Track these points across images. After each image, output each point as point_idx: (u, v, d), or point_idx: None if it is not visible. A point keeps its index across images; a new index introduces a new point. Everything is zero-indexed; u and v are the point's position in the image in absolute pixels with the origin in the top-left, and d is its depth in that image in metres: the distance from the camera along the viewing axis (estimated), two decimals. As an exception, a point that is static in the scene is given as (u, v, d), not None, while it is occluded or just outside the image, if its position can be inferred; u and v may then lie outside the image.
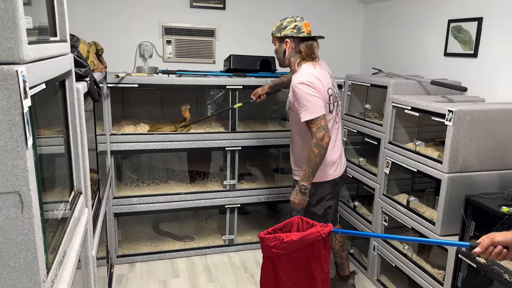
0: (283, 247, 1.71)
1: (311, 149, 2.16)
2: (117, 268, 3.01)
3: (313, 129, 2.15)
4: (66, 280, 1.14)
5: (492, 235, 1.32)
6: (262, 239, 1.76)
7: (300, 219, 1.87)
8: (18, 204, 0.91)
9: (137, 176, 3.30)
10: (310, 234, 1.71)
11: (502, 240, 1.30)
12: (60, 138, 1.38)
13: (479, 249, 1.33)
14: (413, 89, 2.74)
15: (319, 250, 1.73)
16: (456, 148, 2.17)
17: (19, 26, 0.87)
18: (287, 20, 2.29)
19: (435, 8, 3.06)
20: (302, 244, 1.71)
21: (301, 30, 2.26)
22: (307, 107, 2.14)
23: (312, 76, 2.19)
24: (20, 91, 0.86)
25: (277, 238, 1.72)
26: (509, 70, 2.48)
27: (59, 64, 1.22)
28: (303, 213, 2.38)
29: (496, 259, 1.32)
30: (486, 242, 1.32)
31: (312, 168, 2.18)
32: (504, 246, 1.31)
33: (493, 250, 1.31)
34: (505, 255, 1.31)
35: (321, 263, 1.75)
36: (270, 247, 1.73)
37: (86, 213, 1.60)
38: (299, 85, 2.16)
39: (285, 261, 1.75)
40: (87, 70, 1.77)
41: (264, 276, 1.83)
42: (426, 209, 2.44)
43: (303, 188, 2.23)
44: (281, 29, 2.28)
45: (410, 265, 2.49)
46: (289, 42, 2.28)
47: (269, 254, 1.77)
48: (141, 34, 3.46)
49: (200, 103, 3.58)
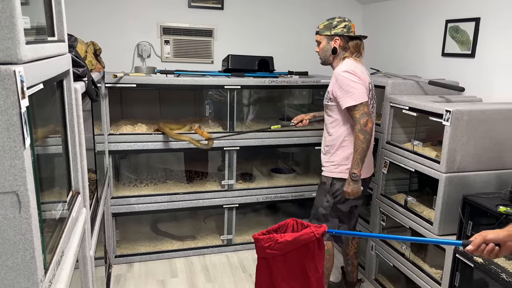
0: (278, 247, 1.72)
1: (356, 135, 2.20)
2: (115, 268, 3.01)
3: (356, 116, 2.20)
4: (64, 280, 1.14)
5: (484, 233, 1.34)
6: (256, 240, 1.77)
7: (295, 221, 1.86)
8: (15, 204, 0.91)
9: (135, 176, 3.30)
10: (304, 234, 1.72)
11: (493, 238, 1.32)
12: (58, 138, 1.38)
13: (471, 247, 1.35)
14: (410, 89, 2.74)
15: (313, 250, 1.74)
16: (453, 148, 2.17)
17: (16, 26, 0.87)
18: (336, 19, 2.36)
19: (432, 8, 3.07)
20: (297, 244, 1.72)
21: (350, 29, 2.35)
22: (351, 93, 2.20)
23: (354, 66, 2.27)
24: (17, 91, 0.86)
25: (272, 238, 1.73)
26: (506, 70, 2.49)
27: (57, 64, 1.22)
28: (329, 210, 2.40)
29: (489, 256, 1.33)
30: (478, 240, 1.34)
31: (360, 154, 2.21)
32: (496, 244, 1.32)
33: (485, 248, 1.32)
34: (497, 252, 1.32)
35: (315, 263, 1.75)
36: (265, 248, 1.74)
37: (84, 213, 1.60)
38: (343, 73, 2.23)
39: (280, 262, 1.75)
40: (85, 70, 1.77)
41: (259, 277, 1.83)
42: (423, 209, 2.45)
43: (354, 176, 2.24)
44: (331, 28, 2.35)
45: (408, 265, 2.50)
46: (339, 40, 2.34)
47: (263, 255, 1.77)
48: (139, 34, 3.46)
49: (198, 103, 3.58)
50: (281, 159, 3.88)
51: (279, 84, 3.13)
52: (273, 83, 3.10)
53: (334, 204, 2.40)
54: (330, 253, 2.51)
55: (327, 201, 2.41)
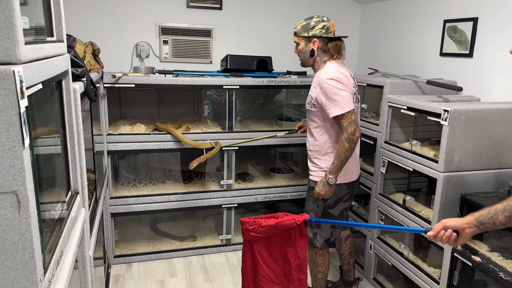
0: (261, 231, 1.87)
1: (342, 143, 2.18)
2: (114, 268, 3.01)
3: (344, 124, 2.17)
4: (63, 280, 1.14)
5: (444, 220, 1.40)
6: (242, 223, 1.92)
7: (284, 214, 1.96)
8: (15, 204, 0.91)
9: (134, 176, 3.30)
10: (286, 220, 1.87)
11: (452, 224, 1.37)
12: (57, 138, 1.38)
13: (431, 233, 1.41)
14: (409, 89, 2.75)
15: (294, 237, 1.87)
16: (451, 147, 2.18)
17: (15, 27, 0.87)
18: (314, 20, 2.28)
19: (431, 8, 3.08)
20: (278, 229, 1.87)
21: (329, 30, 2.27)
22: (338, 102, 2.15)
23: (339, 72, 2.21)
24: (17, 91, 0.86)
25: (256, 222, 1.88)
26: (504, 69, 2.50)
27: (56, 64, 1.23)
28: (320, 215, 2.40)
29: (448, 243, 1.39)
30: (439, 226, 1.40)
31: (341, 162, 2.20)
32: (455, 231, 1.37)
33: (444, 234, 1.38)
34: (455, 239, 1.38)
35: (296, 250, 1.89)
36: (249, 231, 1.89)
37: (83, 213, 1.60)
38: (328, 81, 2.17)
39: (263, 245, 1.91)
40: (83, 70, 1.77)
41: (244, 261, 1.98)
42: (422, 208, 2.45)
43: (331, 180, 2.23)
44: (308, 29, 2.27)
45: (406, 264, 2.50)
46: (318, 41, 2.27)
47: (248, 238, 1.92)
48: (138, 34, 3.46)
49: (197, 103, 3.58)
50: (280, 159, 3.89)
51: (278, 84, 3.13)
52: (271, 83, 3.10)
53: (325, 209, 2.39)
54: (325, 257, 2.50)
55: (317, 206, 2.41)
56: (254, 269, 1.95)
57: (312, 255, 2.51)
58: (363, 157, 3.06)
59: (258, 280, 1.94)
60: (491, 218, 1.30)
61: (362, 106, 3.02)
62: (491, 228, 1.33)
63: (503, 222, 1.29)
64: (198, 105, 3.58)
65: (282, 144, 3.26)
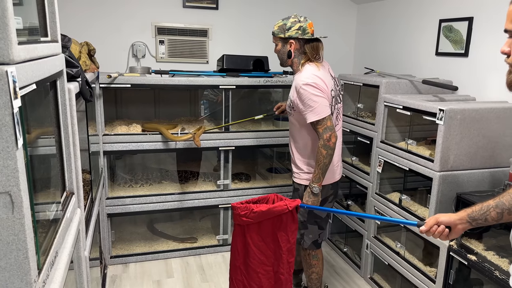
0: (253, 216, 1.88)
1: (319, 150, 2.15)
2: (111, 269, 3.01)
3: (320, 130, 2.14)
4: (58, 281, 1.14)
5: (437, 215, 1.41)
6: (234, 208, 1.92)
7: (275, 196, 2.01)
8: (8, 204, 0.91)
9: (130, 177, 3.29)
10: (278, 206, 1.89)
11: (445, 220, 1.39)
12: (52, 139, 1.38)
13: (424, 228, 1.42)
14: (405, 89, 2.76)
15: (286, 222, 1.90)
16: (447, 146, 2.19)
17: (8, 27, 0.87)
18: (290, 20, 2.24)
19: (426, 8, 3.08)
20: (270, 215, 1.89)
21: (306, 31, 2.22)
22: (313, 108, 2.13)
23: (316, 77, 2.17)
24: (10, 91, 0.85)
25: (248, 208, 1.89)
26: (499, 69, 2.51)
27: (50, 65, 1.22)
28: (307, 217, 2.39)
29: (439, 238, 1.41)
30: (431, 221, 1.40)
31: (322, 169, 2.17)
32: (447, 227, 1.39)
33: (436, 229, 1.39)
34: (447, 234, 1.39)
35: (288, 234, 1.92)
36: (241, 216, 1.90)
37: (79, 214, 1.59)
38: (304, 86, 2.14)
39: (254, 230, 1.92)
40: (78, 70, 1.77)
41: (235, 243, 2.00)
42: (418, 207, 2.46)
43: (315, 190, 2.21)
44: (284, 30, 2.23)
45: (402, 263, 2.51)
46: (294, 43, 2.24)
47: (239, 222, 1.93)
48: (134, 34, 3.45)
49: (194, 103, 3.58)
50: (277, 159, 3.89)
51: (274, 84, 3.13)
52: (268, 83, 3.11)
53: (310, 211, 2.38)
54: (318, 258, 2.50)
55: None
56: (245, 251, 1.97)
57: (305, 257, 2.50)
58: (359, 157, 3.08)
59: (249, 262, 1.97)
60: (483, 215, 1.32)
61: (358, 105, 3.04)
62: (483, 224, 1.35)
63: (494, 218, 1.30)
64: (195, 105, 3.57)
65: (278, 144, 3.26)
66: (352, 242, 3.25)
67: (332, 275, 3.01)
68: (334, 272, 3.06)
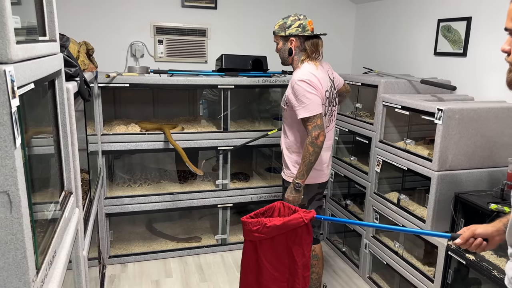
0: (266, 231, 1.73)
1: (306, 147, 2.16)
2: (109, 269, 3.00)
3: (309, 127, 2.15)
4: (56, 280, 1.13)
5: (473, 227, 1.37)
6: (244, 223, 1.77)
7: (282, 204, 1.88)
8: (6, 204, 0.90)
9: (129, 176, 3.29)
10: (293, 219, 1.73)
11: (482, 232, 1.35)
12: (50, 138, 1.38)
13: (460, 240, 1.37)
14: (403, 88, 2.76)
15: (301, 235, 1.75)
16: (445, 146, 2.19)
17: (6, 26, 0.87)
18: (290, 18, 2.27)
19: (425, 7, 3.09)
20: (285, 229, 1.73)
21: (306, 28, 2.25)
22: (306, 104, 2.14)
23: (312, 75, 2.18)
24: (8, 90, 0.85)
25: (260, 222, 1.73)
26: (497, 68, 2.51)
27: (48, 64, 1.22)
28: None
29: (476, 250, 1.37)
30: (467, 234, 1.36)
31: (307, 166, 2.18)
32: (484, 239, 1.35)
33: (473, 242, 1.35)
34: (484, 247, 1.35)
35: (303, 248, 1.78)
36: (253, 231, 1.75)
37: (77, 214, 1.59)
38: (299, 82, 2.16)
39: (267, 245, 1.77)
40: (77, 69, 1.77)
41: (246, 260, 1.86)
42: (416, 207, 2.46)
43: (297, 186, 2.21)
44: (285, 28, 2.26)
45: (401, 263, 2.51)
46: (295, 40, 2.26)
47: (251, 238, 1.79)
48: (133, 33, 3.45)
49: (192, 103, 3.58)
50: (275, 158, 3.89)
51: (273, 83, 3.13)
52: (266, 83, 3.11)
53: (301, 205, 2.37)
54: (318, 258, 2.50)
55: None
56: (257, 268, 1.84)
57: None
58: (358, 156, 3.08)
59: (262, 279, 1.84)
60: None
61: (357, 105, 3.04)
62: None
63: None
64: (193, 105, 3.57)
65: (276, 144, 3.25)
66: (350, 241, 3.26)
67: (330, 275, 3.01)
68: (333, 272, 3.06)
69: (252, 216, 1.81)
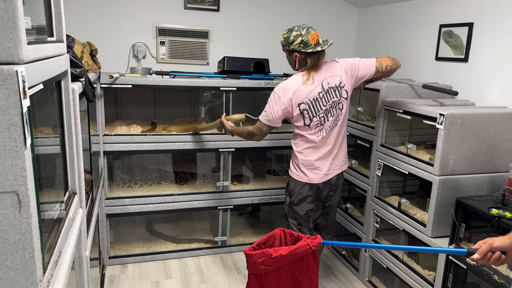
0: (272, 263, 1.63)
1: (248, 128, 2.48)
2: (109, 269, 3.00)
3: (257, 125, 2.43)
4: (61, 280, 1.14)
5: (490, 241, 1.30)
6: (248, 256, 1.66)
7: (282, 231, 1.79)
8: (16, 203, 0.91)
9: (130, 177, 3.29)
10: (299, 247, 1.64)
11: (500, 245, 1.28)
12: (55, 138, 1.38)
13: (477, 256, 1.30)
14: (405, 93, 2.77)
15: (308, 263, 1.66)
16: (447, 151, 2.20)
17: (18, 26, 0.87)
18: (293, 33, 2.27)
19: (427, 13, 3.10)
20: (292, 258, 1.64)
21: (308, 44, 2.26)
22: (266, 111, 2.38)
23: (287, 89, 2.30)
24: (19, 91, 0.86)
25: (265, 253, 1.63)
26: (498, 74, 2.53)
27: (56, 65, 1.22)
28: (288, 208, 2.48)
29: (495, 264, 1.30)
30: (485, 248, 1.29)
31: (237, 133, 2.57)
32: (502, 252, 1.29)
33: (492, 256, 1.28)
34: (503, 260, 1.29)
35: (310, 276, 1.69)
36: (258, 264, 1.65)
37: (81, 214, 1.60)
38: (275, 89, 2.34)
39: (273, 277, 1.67)
40: (82, 70, 1.77)
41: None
42: (417, 211, 2.47)
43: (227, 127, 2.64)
44: (288, 43, 2.30)
45: (401, 267, 2.52)
46: (298, 55, 2.32)
47: (256, 271, 1.68)
48: (135, 35, 3.46)
49: (194, 105, 3.58)
50: (275, 160, 3.90)
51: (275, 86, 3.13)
52: (268, 85, 3.11)
53: (290, 204, 2.47)
54: None
55: (287, 197, 2.51)
56: None
57: None
58: (359, 160, 3.09)
59: None
60: None
61: (358, 109, 3.05)
62: None
63: None
64: (195, 106, 3.58)
65: (277, 146, 3.26)
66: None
67: (330, 278, 3.01)
68: (333, 275, 3.06)
69: (254, 247, 1.71)
